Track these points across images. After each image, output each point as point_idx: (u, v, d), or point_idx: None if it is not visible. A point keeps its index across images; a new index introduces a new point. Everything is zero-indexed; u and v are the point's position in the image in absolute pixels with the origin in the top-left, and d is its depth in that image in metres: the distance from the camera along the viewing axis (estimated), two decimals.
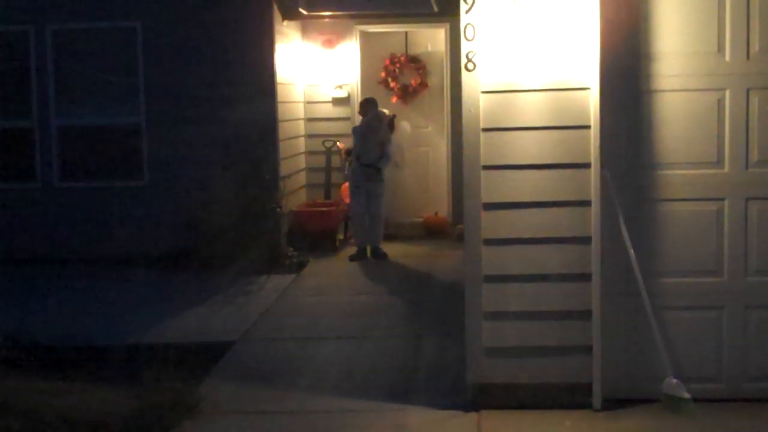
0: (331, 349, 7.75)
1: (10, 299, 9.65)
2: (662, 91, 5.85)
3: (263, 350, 7.79)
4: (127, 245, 11.10)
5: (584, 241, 5.87)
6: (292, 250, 11.38)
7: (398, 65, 13.31)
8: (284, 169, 11.63)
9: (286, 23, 11.96)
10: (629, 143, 5.89)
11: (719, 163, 5.87)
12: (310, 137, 13.07)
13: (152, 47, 11.37)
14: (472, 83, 5.86)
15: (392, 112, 12.14)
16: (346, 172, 12.16)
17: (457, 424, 5.92)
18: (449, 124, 12.91)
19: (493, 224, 5.95)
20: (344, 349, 7.74)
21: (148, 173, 11.51)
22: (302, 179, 12.98)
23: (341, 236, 12.44)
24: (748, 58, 5.79)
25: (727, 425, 5.74)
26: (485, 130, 5.89)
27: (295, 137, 12.54)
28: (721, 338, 5.98)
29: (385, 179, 11.50)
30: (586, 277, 5.88)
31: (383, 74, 13.33)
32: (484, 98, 5.87)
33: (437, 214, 12.92)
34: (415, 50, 13.40)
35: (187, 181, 11.20)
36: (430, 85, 13.26)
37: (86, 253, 11.13)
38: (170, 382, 6.64)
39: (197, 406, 6.34)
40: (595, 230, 5.83)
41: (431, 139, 13.30)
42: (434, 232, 12.62)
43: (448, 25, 12.56)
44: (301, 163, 12.92)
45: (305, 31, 12.93)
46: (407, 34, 13.35)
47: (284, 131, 11.73)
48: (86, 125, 11.62)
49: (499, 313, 6.00)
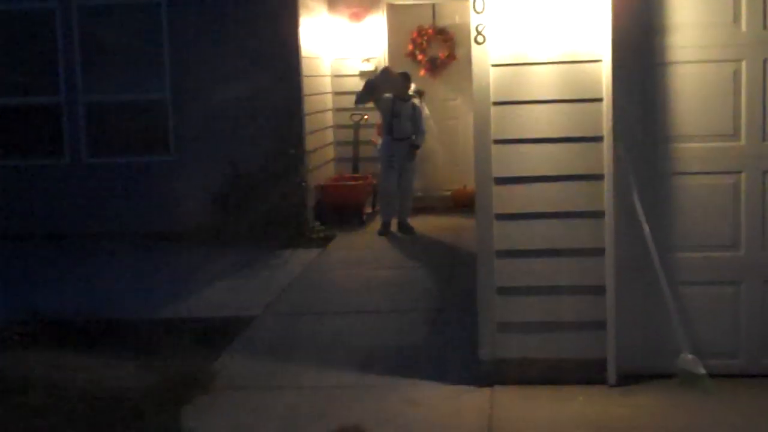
0: (350, 323, 7.75)
1: (35, 275, 9.76)
2: (676, 62, 5.74)
3: (283, 325, 7.82)
4: (153, 220, 11.18)
5: (597, 215, 5.80)
6: (318, 224, 11.41)
7: (426, 38, 13.25)
8: (311, 143, 11.62)
9: None
10: (643, 116, 5.80)
11: (735, 135, 5.77)
12: (337, 111, 13.03)
13: (177, 22, 11.39)
14: (482, 56, 5.79)
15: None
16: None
17: (470, 399, 5.90)
18: None
19: (505, 199, 5.90)
20: (364, 323, 7.74)
21: (174, 148, 11.57)
22: (330, 153, 12.96)
23: (369, 210, 12.43)
24: (764, 27, 5.67)
25: (744, 401, 5.67)
26: (496, 103, 5.83)
27: (322, 111, 12.52)
28: (738, 313, 5.89)
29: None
30: (599, 251, 5.82)
31: (410, 47, 13.27)
32: (494, 71, 5.80)
33: (465, 187, 12.84)
34: (442, 22, 13.32)
35: (213, 155, 11.25)
36: (458, 57, 13.16)
37: (113, 228, 11.22)
38: (189, 356, 6.70)
39: (213, 380, 6.38)
40: (608, 204, 5.76)
41: (459, 111, 13.22)
42: (462, 205, 12.56)
43: None
44: (329, 137, 12.90)
45: (332, 4, 12.89)
46: (435, 6, 13.28)
47: (310, 105, 11.71)
48: (113, 101, 11.71)
49: (511, 288, 5.96)
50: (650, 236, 5.76)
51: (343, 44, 12.96)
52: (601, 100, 5.71)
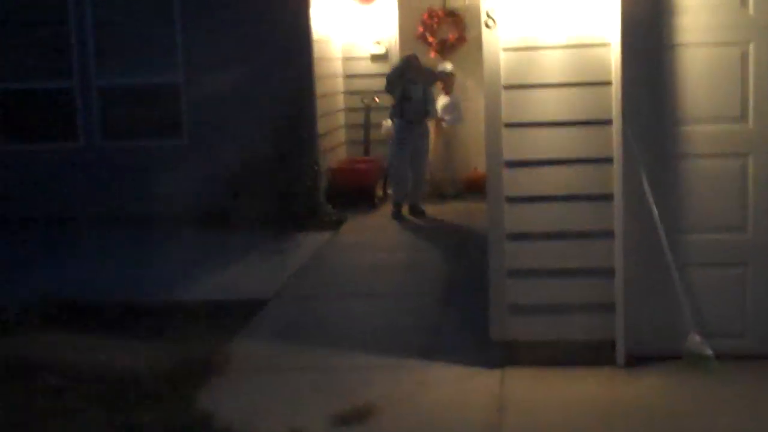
0: (362, 306, 7.82)
1: (49, 258, 9.85)
2: (685, 45, 5.77)
3: (295, 308, 7.89)
4: (167, 204, 11.21)
5: (607, 198, 5.85)
6: (330, 207, 11.45)
7: (436, 20, 13.25)
8: (322, 126, 11.67)
9: None
10: (652, 99, 5.84)
11: (743, 118, 5.80)
12: (348, 94, 13.07)
13: (190, 5, 11.41)
14: (492, 40, 5.84)
15: (441, 68, 12.21)
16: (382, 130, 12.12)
17: (480, 380, 5.96)
18: None
19: (515, 182, 5.96)
20: (376, 306, 7.81)
21: (187, 132, 11.61)
22: (342, 136, 13.01)
23: (380, 193, 12.48)
24: None
25: (751, 381, 5.72)
26: (506, 87, 5.88)
27: (333, 94, 12.57)
28: (745, 294, 5.94)
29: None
30: (608, 234, 5.87)
31: (421, 29, 13.27)
32: (504, 55, 5.85)
33: (476, 169, 12.87)
34: (453, 4, 13.30)
35: (226, 139, 11.31)
36: (468, 39, 13.16)
37: (127, 211, 11.28)
38: (202, 339, 6.79)
39: (227, 363, 6.46)
40: (617, 187, 5.81)
41: (470, 93, 13.20)
42: (473, 187, 12.59)
43: None
44: (340, 120, 12.95)
45: None
46: None
47: (321, 88, 11.75)
48: (126, 85, 11.74)
49: (522, 270, 6.02)
50: (658, 218, 5.81)
51: (353, 27, 13.00)
52: (610, 83, 5.75)
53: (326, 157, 11.82)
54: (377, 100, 12.71)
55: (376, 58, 12.95)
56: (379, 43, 12.97)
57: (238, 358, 6.55)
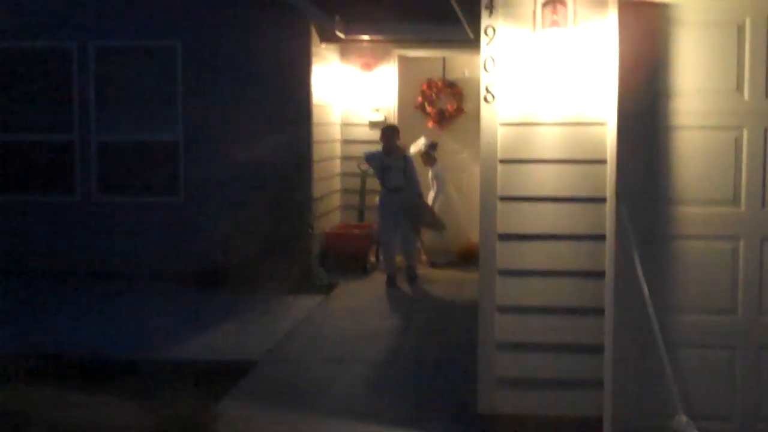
0: (350, 372, 7.81)
1: (39, 311, 9.85)
2: (680, 127, 5.84)
3: (284, 371, 7.88)
4: (160, 261, 11.27)
5: (598, 275, 5.88)
6: (322, 271, 11.48)
7: (435, 90, 13.43)
8: (318, 190, 11.75)
9: (324, 46, 12.10)
10: (646, 179, 5.89)
11: (735, 201, 5.85)
12: (345, 159, 13.18)
13: (191, 66, 11.57)
14: (490, 115, 5.92)
15: (429, 137, 12.27)
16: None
17: None
18: None
19: (508, 255, 5.99)
20: (363, 373, 7.80)
21: (184, 190, 11.69)
22: (337, 201, 13.08)
23: (373, 259, 12.51)
24: (766, 96, 5.77)
25: None
26: (503, 161, 5.94)
27: (330, 159, 12.67)
28: (734, 377, 5.93)
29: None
30: (599, 311, 5.88)
31: (420, 99, 13.44)
32: (502, 130, 5.93)
33: (470, 240, 12.92)
34: (452, 75, 13.52)
35: (221, 199, 11.39)
36: (466, 110, 13.33)
37: (121, 267, 11.32)
38: (189, 399, 6.72)
39: (213, 424, 6.42)
40: (609, 265, 5.83)
41: (466, 164, 13.34)
42: (466, 258, 12.63)
43: None
44: (336, 184, 13.03)
45: (344, 53, 13.06)
46: (445, 59, 13.48)
47: (319, 153, 11.86)
48: (125, 141, 11.86)
49: (510, 344, 6.03)
50: (649, 297, 5.83)
51: (353, 93, 13.14)
52: (605, 161, 5.82)
53: (321, 220, 11.86)
54: None
55: (374, 125, 13.07)
56: (377, 110, 13.11)
57: (224, 420, 6.51)
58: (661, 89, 5.84)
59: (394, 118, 13.11)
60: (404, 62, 13.28)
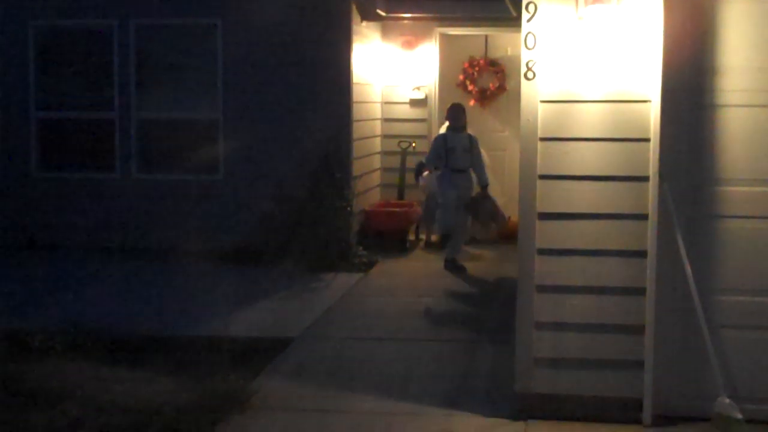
0: (387, 350, 7.78)
1: (78, 287, 9.90)
2: (726, 105, 5.73)
3: (321, 348, 7.86)
4: (199, 238, 11.25)
5: (640, 255, 5.80)
6: (361, 249, 11.45)
7: (477, 68, 13.33)
8: (358, 168, 11.71)
9: (365, 24, 12.03)
10: (690, 157, 5.80)
11: None
12: (386, 137, 13.12)
13: (232, 44, 11.55)
14: (531, 92, 5.84)
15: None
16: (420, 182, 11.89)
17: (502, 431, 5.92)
18: None
19: (547, 234, 5.92)
20: (400, 351, 7.76)
21: (223, 168, 11.70)
22: (377, 179, 13.04)
23: (412, 237, 12.46)
24: None
25: None
26: (543, 139, 5.86)
27: (370, 137, 12.62)
28: None
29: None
30: (641, 291, 5.81)
31: (461, 77, 13.35)
32: (542, 107, 5.84)
33: (510, 218, 12.83)
34: (494, 54, 13.41)
35: (261, 176, 11.38)
36: (508, 89, 13.21)
37: (160, 244, 11.34)
38: (226, 375, 6.75)
39: (248, 400, 6.42)
40: (651, 244, 5.75)
41: (508, 143, 13.23)
42: (507, 236, 12.52)
43: None
44: (376, 162, 12.99)
45: (385, 31, 12.98)
46: (487, 37, 13.37)
47: (359, 131, 11.81)
48: (165, 118, 11.88)
49: (550, 323, 5.96)
50: (692, 278, 5.75)
51: (394, 71, 13.06)
52: (648, 140, 5.72)
53: (360, 199, 11.83)
54: (414, 145, 12.76)
55: (415, 103, 13.00)
56: (418, 88, 13.02)
57: (260, 396, 6.51)
58: (707, 66, 5.74)
59: (435, 96, 13.04)
60: (446, 40, 13.18)
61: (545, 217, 5.92)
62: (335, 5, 11.34)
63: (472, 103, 13.21)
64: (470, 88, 13.33)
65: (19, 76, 11.95)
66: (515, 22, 12.00)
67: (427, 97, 13.02)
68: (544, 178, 5.89)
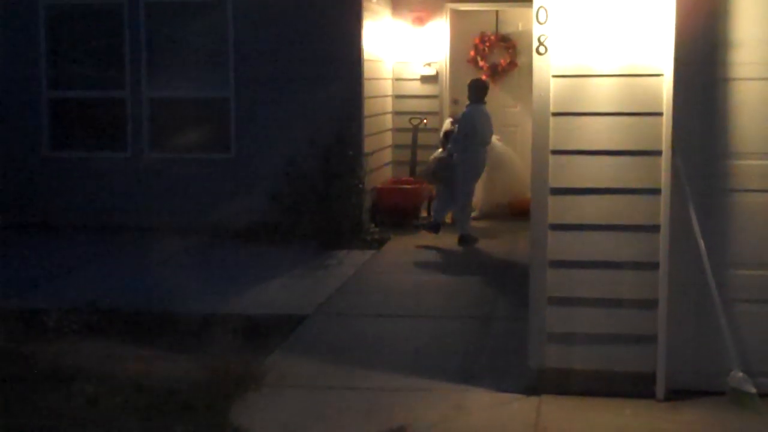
0: (401, 327, 7.79)
1: (93, 266, 9.94)
2: (739, 79, 5.71)
3: (335, 325, 7.89)
4: (211, 216, 11.29)
5: (653, 229, 5.79)
6: (373, 226, 11.46)
7: (488, 44, 13.27)
8: (369, 145, 11.68)
9: (375, 0, 11.98)
10: (703, 131, 5.78)
11: None
12: (397, 114, 13.09)
13: (242, 22, 11.51)
14: (543, 67, 5.81)
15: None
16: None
17: (517, 407, 5.92)
18: None
19: (560, 209, 5.91)
20: (414, 327, 7.77)
21: (235, 146, 11.69)
22: (388, 156, 13.01)
23: (424, 214, 12.45)
24: None
25: None
26: (555, 114, 5.84)
27: (381, 114, 12.58)
28: None
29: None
30: (653, 265, 5.80)
31: (472, 53, 13.30)
32: (555, 82, 5.82)
33: (522, 194, 12.80)
34: (505, 29, 13.34)
35: (272, 154, 11.37)
36: (519, 64, 13.16)
37: (172, 222, 11.35)
38: (240, 352, 6.79)
39: (263, 378, 6.45)
40: (664, 219, 5.74)
41: (519, 118, 13.18)
42: (519, 212, 12.50)
43: None
44: (387, 140, 12.95)
45: (395, 7, 12.92)
46: (498, 12, 13.30)
47: (370, 108, 11.78)
48: (176, 97, 11.85)
49: (562, 298, 5.97)
50: (705, 252, 5.74)
51: (405, 48, 13.00)
52: (661, 114, 5.70)
53: (372, 176, 11.81)
54: (425, 121, 12.73)
55: (426, 79, 12.96)
56: (429, 65, 12.97)
57: (274, 373, 6.54)
58: (720, 39, 5.71)
59: (446, 72, 12.99)
60: (456, 16, 13.12)
61: (558, 192, 5.91)
62: None
63: (483, 78, 13.13)
64: (481, 64, 13.28)
65: (30, 55, 11.92)
66: None
67: (438, 73, 12.97)
68: (556, 153, 5.87)
